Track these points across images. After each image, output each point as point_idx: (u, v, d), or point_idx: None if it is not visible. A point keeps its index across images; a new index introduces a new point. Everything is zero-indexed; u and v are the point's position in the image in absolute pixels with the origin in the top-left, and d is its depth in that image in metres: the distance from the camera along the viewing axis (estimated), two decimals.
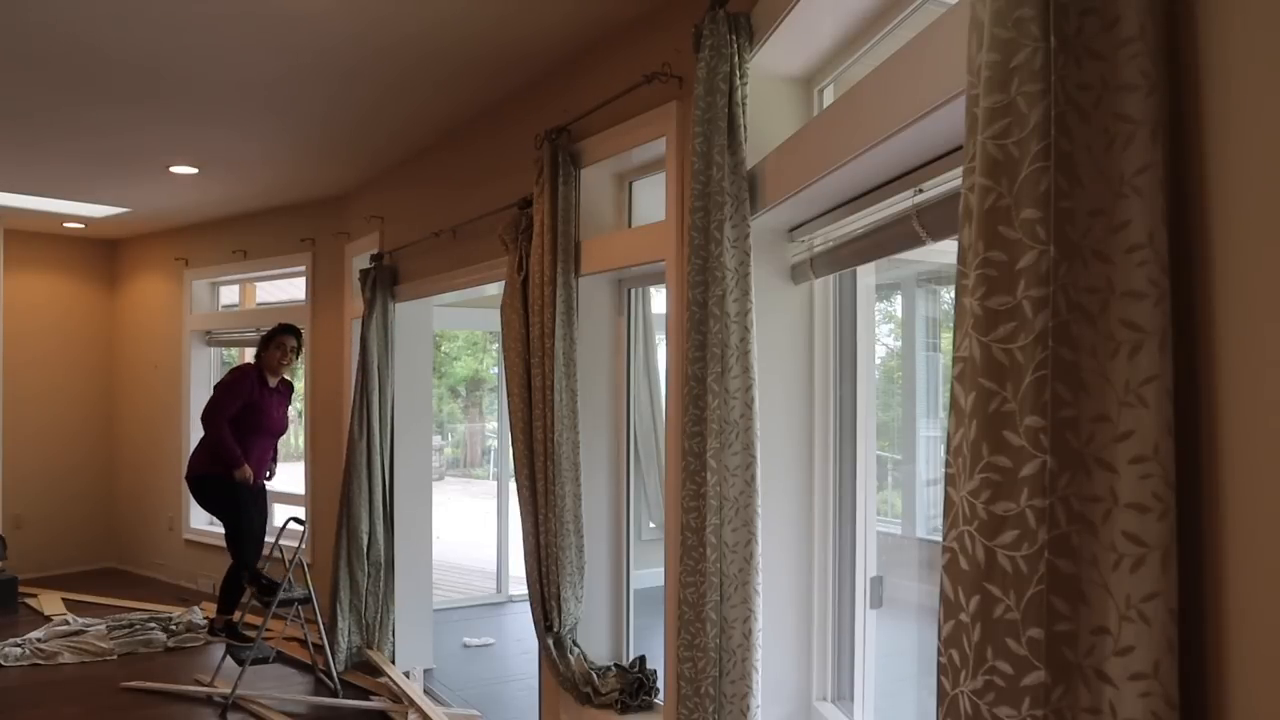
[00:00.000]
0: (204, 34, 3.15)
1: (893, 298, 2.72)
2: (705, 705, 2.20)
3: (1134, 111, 1.01)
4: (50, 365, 7.26)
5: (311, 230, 5.96)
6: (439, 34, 3.16)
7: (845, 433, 2.47)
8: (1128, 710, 0.99)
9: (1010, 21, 1.06)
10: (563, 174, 3.11)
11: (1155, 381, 0.99)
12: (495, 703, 4.53)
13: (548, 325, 3.11)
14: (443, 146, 4.47)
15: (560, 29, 3.11)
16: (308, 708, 4.46)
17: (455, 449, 15.68)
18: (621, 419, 3.45)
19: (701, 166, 2.25)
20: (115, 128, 4.27)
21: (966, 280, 1.13)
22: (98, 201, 5.99)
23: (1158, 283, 0.99)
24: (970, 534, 1.09)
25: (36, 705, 4.43)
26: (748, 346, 2.17)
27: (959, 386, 1.12)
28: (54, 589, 6.56)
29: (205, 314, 6.95)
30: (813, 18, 2.13)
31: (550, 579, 3.15)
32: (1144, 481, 0.99)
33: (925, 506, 2.52)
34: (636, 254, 2.96)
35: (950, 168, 1.67)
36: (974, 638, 1.08)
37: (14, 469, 6.76)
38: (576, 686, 3.13)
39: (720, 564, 2.19)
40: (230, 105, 3.95)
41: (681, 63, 2.63)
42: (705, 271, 2.23)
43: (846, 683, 2.46)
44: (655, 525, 4.22)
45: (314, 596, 4.66)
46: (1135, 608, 0.98)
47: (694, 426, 2.24)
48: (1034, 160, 1.04)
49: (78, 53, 3.32)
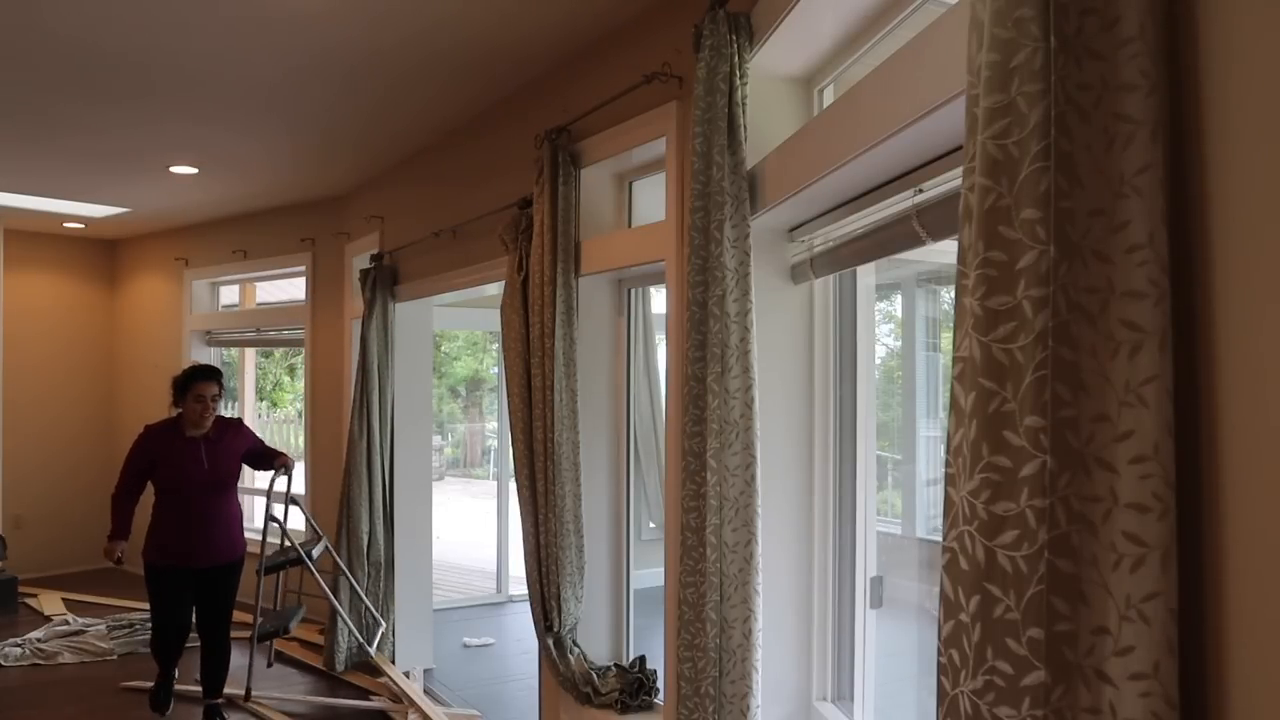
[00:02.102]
0: (204, 34, 3.15)
1: (893, 298, 2.72)
2: (705, 705, 2.20)
3: (1134, 111, 1.01)
4: (50, 365, 7.26)
5: (311, 230, 5.96)
6: (439, 34, 3.16)
7: (845, 433, 2.47)
8: (1128, 710, 0.99)
9: (1010, 21, 1.06)
10: (563, 174, 3.11)
11: (1155, 381, 0.99)
12: (495, 703, 4.53)
13: (548, 325, 3.11)
14: (443, 146, 4.47)
15: (560, 29, 3.11)
16: (308, 708, 4.46)
17: (455, 449, 15.68)
18: (621, 419, 3.45)
19: (701, 166, 2.25)
20: (115, 127, 4.27)
21: (966, 280, 1.13)
22: (98, 201, 5.99)
23: (1158, 283, 0.99)
24: (970, 534, 1.09)
25: (36, 705, 4.43)
26: (748, 346, 2.17)
27: (959, 386, 1.12)
28: (54, 589, 6.57)
29: (205, 314, 6.95)
30: (813, 18, 2.12)
31: (550, 579, 3.15)
32: (1144, 481, 0.99)
33: (925, 506, 2.52)
34: (636, 254, 2.96)
35: (950, 168, 1.67)
36: (974, 638, 1.08)
37: (14, 469, 6.76)
38: (576, 686, 3.13)
39: (720, 564, 2.19)
40: (230, 105, 3.95)
41: (681, 63, 2.63)
42: (705, 271, 2.23)
43: (846, 683, 2.46)
44: (655, 525, 4.22)
45: (328, 548, 4.37)
46: (1135, 608, 0.98)
47: (694, 426, 2.24)
48: (1034, 160, 1.04)
49: (78, 52, 3.32)
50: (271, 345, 7.86)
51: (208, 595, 4.00)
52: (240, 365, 7.17)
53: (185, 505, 3.89)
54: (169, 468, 3.89)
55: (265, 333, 6.64)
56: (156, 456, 3.91)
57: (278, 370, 17.14)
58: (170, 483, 3.91)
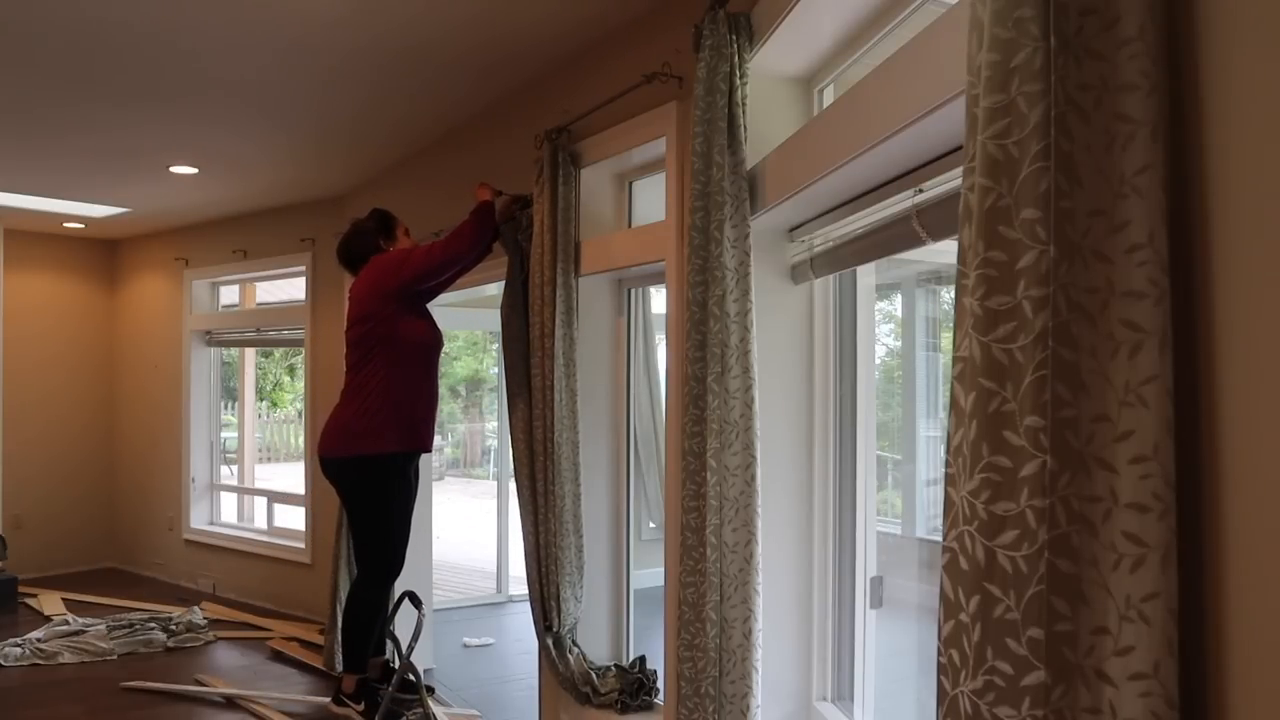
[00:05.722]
0: (204, 34, 3.15)
1: (893, 298, 2.72)
2: (705, 705, 2.20)
3: (1134, 111, 1.01)
4: (50, 365, 7.26)
5: (311, 230, 5.96)
6: (439, 34, 3.16)
7: (845, 433, 2.47)
8: (1128, 710, 0.99)
9: (1010, 21, 1.06)
10: (562, 174, 3.11)
11: (1155, 381, 0.99)
12: (495, 703, 4.52)
13: (548, 325, 3.11)
14: (442, 146, 4.47)
15: (560, 29, 3.11)
16: (308, 708, 4.46)
17: (455, 449, 15.68)
18: (621, 419, 3.45)
19: (701, 166, 2.25)
20: (115, 127, 4.27)
21: (966, 280, 1.13)
22: (98, 201, 5.99)
23: (1158, 283, 0.99)
24: (970, 534, 1.09)
25: (36, 705, 4.43)
26: (748, 346, 2.17)
27: (959, 386, 1.12)
28: (54, 589, 6.56)
29: (205, 314, 6.95)
30: (813, 18, 2.12)
31: (550, 579, 3.15)
32: (1144, 481, 0.99)
33: (925, 506, 2.52)
34: (636, 254, 2.96)
35: (950, 168, 1.67)
36: (974, 638, 1.08)
37: (13, 469, 6.76)
38: (576, 686, 3.13)
39: (720, 564, 2.19)
40: (230, 105, 3.95)
41: (681, 63, 2.63)
42: (705, 271, 2.23)
43: (846, 683, 2.46)
44: (655, 525, 4.22)
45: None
46: (1135, 608, 0.98)
47: (694, 426, 2.24)
48: (1034, 160, 1.04)
49: (78, 52, 3.32)
50: (271, 345, 7.87)
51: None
52: (240, 365, 7.17)
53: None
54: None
55: (265, 333, 6.64)
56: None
57: (278, 370, 17.15)
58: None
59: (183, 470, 6.90)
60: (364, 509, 3.57)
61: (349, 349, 3.58)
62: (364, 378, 3.49)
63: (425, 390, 3.59)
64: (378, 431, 3.45)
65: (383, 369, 3.47)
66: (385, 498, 3.53)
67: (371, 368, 3.48)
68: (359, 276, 3.66)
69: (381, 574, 3.61)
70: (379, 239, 3.73)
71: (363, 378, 3.50)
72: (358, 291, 3.60)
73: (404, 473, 3.59)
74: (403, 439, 3.50)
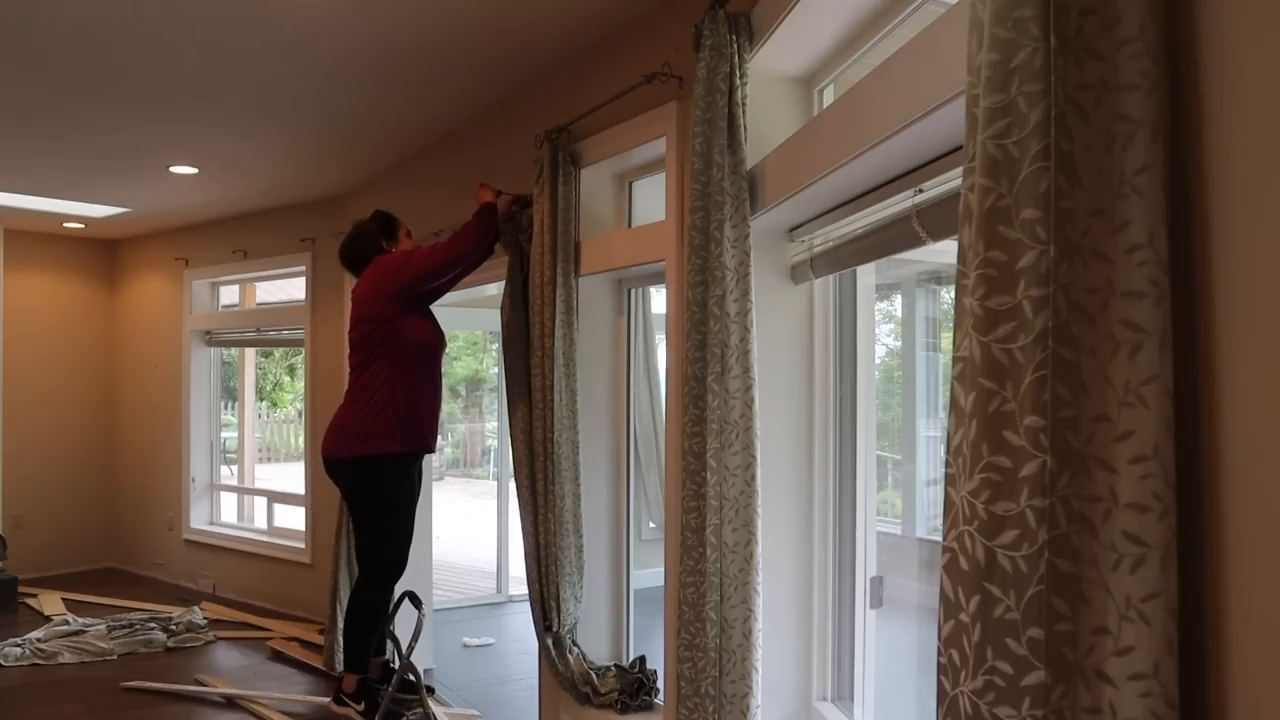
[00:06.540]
0: (204, 34, 3.15)
1: (893, 298, 2.72)
2: (705, 705, 2.20)
3: (1134, 111, 1.01)
4: (50, 365, 7.26)
5: (311, 230, 5.96)
6: (439, 34, 3.16)
7: (845, 433, 2.47)
8: (1128, 710, 0.99)
9: (1010, 21, 1.06)
10: (562, 174, 3.11)
11: (1155, 381, 0.99)
12: (495, 703, 4.52)
13: (547, 325, 3.11)
14: (442, 146, 4.47)
15: (560, 29, 3.11)
16: (308, 708, 4.45)
17: (455, 449, 15.68)
18: (621, 419, 3.45)
19: (701, 166, 2.25)
20: (115, 128, 4.27)
21: (966, 280, 1.13)
22: (98, 201, 5.99)
23: (1158, 283, 0.99)
24: (970, 534, 1.09)
25: (36, 705, 4.43)
26: (748, 346, 2.17)
27: (959, 386, 1.12)
28: (54, 589, 6.56)
29: (205, 314, 6.95)
30: (813, 18, 2.12)
31: (550, 579, 3.15)
32: (1144, 481, 0.99)
33: (925, 506, 2.52)
34: (636, 254, 2.96)
35: (950, 168, 1.67)
36: (974, 638, 1.08)
37: (13, 468, 6.76)
38: (576, 686, 3.13)
39: (720, 564, 2.19)
40: (230, 105, 3.95)
41: (681, 63, 2.63)
42: (705, 271, 2.23)
43: (846, 683, 2.46)
44: (655, 525, 4.22)
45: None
46: (1135, 608, 0.98)
47: (694, 426, 2.24)
48: (1034, 160, 1.04)
49: (79, 53, 3.32)
50: (271, 345, 7.87)
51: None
52: (240, 365, 7.17)
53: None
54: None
55: (265, 333, 6.64)
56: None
57: (278, 370, 17.15)
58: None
59: (183, 470, 6.90)
60: (367, 509, 3.57)
61: (352, 350, 3.58)
62: (367, 379, 3.50)
63: (428, 391, 3.59)
64: (381, 432, 3.46)
65: (386, 370, 3.48)
66: (388, 498, 3.54)
67: (375, 369, 3.49)
68: (361, 278, 3.66)
69: (384, 574, 3.61)
70: (381, 240, 3.74)
71: (366, 379, 3.50)
72: (360, 293, 3.60)
73: (407, 473, 3.59)
74: (406, 440, 3.50)
